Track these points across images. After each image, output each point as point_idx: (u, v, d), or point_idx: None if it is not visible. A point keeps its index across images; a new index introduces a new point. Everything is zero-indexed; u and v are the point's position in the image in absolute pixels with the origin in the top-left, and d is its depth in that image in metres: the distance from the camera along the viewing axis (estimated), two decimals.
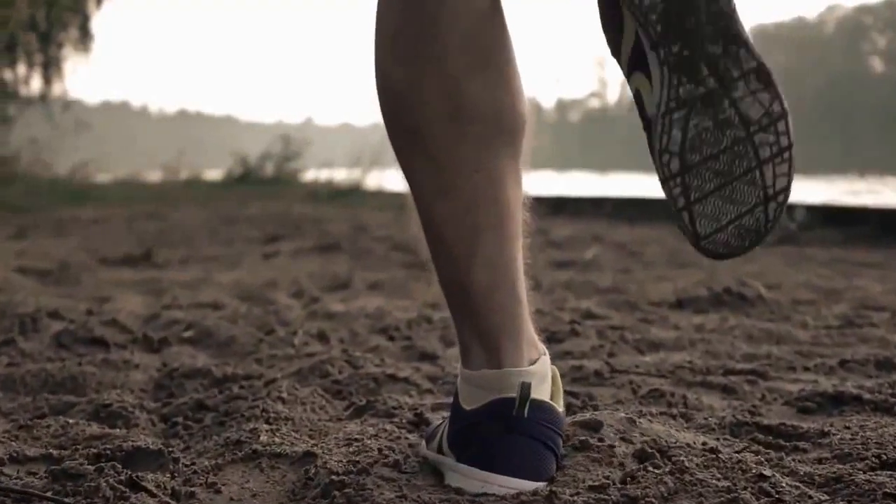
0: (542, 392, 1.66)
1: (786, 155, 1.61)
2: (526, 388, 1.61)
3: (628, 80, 1.68)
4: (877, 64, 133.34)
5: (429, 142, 1.65)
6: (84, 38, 26.43)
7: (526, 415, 1.61)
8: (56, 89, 27.13)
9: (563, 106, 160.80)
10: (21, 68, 25.87)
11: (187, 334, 2.91)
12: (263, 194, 15.54)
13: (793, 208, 8.54)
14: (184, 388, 2.27)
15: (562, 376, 1.77)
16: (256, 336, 2.79)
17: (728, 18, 1.60)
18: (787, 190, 1.62)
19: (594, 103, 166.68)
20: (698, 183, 1.61)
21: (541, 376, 1.67)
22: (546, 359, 1.71)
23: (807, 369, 2.50)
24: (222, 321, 3.02)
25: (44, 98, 25.53)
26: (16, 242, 7.44)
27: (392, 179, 16.68)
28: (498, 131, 1.67)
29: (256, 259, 6.20)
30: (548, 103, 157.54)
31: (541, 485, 1.59)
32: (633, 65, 1.66)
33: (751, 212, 1.61)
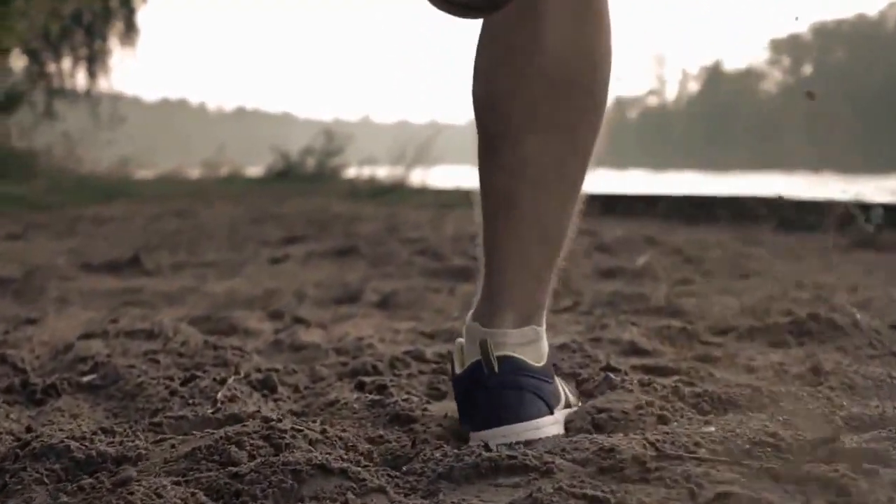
0: (524, 353, 1.76)
1: None
2: (484, 345, 1.74)
3: None
4: None
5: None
6: (129, 31, 25.95)
7: (496, 370, 1.73)
8: (102, 84, 26.75)
9: (621, 104, 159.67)
10: (66, 63, 25.49)
11: (87, 379, 2.16)
12: (303, 191, 14.86)
13: (868, 207, 7.77)
14: (21, 479, 1.52)
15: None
16: (173, 385, 2.03)
17: None
18: None
19: (652, 101, 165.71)
20: None
21: (523, 341, 1.76)
22: (540, 331, 1.81)
23: None
24: (140, 360, 2.27)
25: (88, 93, 25.11)
26: (10, 243, 6.76)
27: (436, 176, 15.96)
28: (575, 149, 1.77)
29: (262, 264, 5.47)
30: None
31: (534, 423, 1.71)
32: None
33: None
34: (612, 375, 2.02)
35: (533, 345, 1.78)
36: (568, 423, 1.78)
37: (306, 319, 3.23)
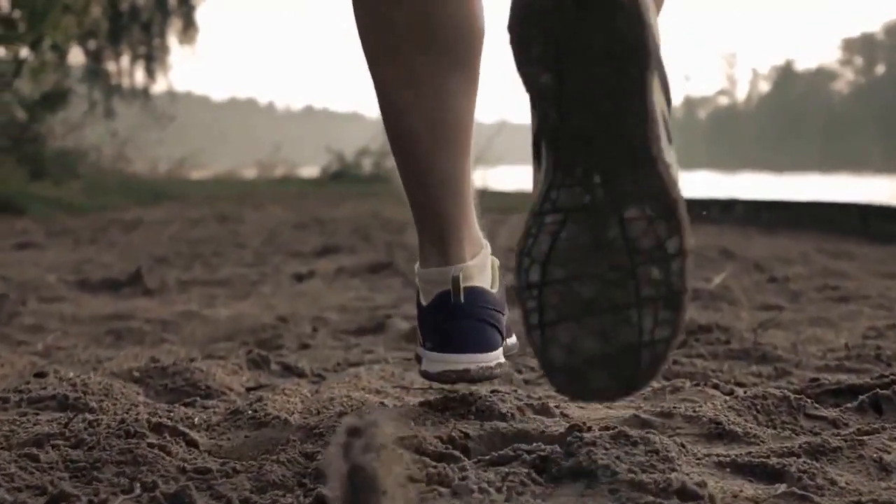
0: (482, 280, 1.91)
1: (675, 301, 1.37)
2: (455, 280, 1.86)
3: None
4: None
5: (399, 61, 1.79)
6: (188, 29, 25.57)
7: (462, 300, 1.86)
8: (161, 82, 26.41)
9: (690, 103, 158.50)
10: (125, 60, 25.16)
11: None
12: (358, 193, 14.25)
13: None
14: None
15: None
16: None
17: (644, 138, 1.37)
18: (669, 341, 1.38)
19: (722, 101, 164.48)
20: (557, 302, 1.41)
21: (480, 267, 1.91)
22: (486, 251, 1.95)
23: None
24: (17, 454, 1.60)
25: (146, 91, 24.77)
26: (13, 254, 6.17)
27: (497, 177, 15.27)
28: (463, 52, 1.81)
29: (284, 282, 4.82)
30: (676, 100, 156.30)
31: (492, 355, 1.87)
32: (535, 149, 1.48)
33: (618, 356, 1.39)
34: None
35: (486, 270, 1.94)
36: None
37: (297, 368, 2.56)
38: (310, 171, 20.88)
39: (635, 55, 1.35)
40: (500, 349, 1.90)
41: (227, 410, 1.98)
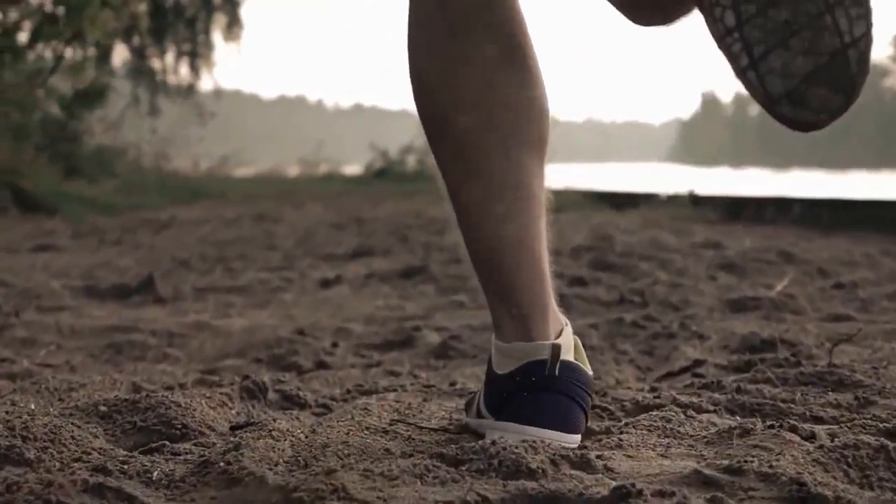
0: (568, 357, 1.74)
1: None
2: (556, 348, 1.71)
3: None
4: None
5: (459, 133, 1.72)
6: (232, 26, 25.31)
7: (557, 373, 1.70)
8: (206, 79, 26.18)
9: (741, 100, 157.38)
10: (169, 57, 24.93)
11: None
12: (401, 192, 13.92)
13: None
14: None
15: None
16: None
17: None
18: (867, 36, 1.49)
19: None
20: (760, 35, 1.51)
21: (566, 346, 1.74)
22: (569, 329, 1.78)
23: None
24: None
25: (190, 88, 24.55)
26: (27, 257, 5.86)
27: (553, 176, 14.87)
28: (525, 122, 1.73)
29: (309, 288, 4.47)
30: (726, 97, 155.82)
31: (575, 437, 1.71)
32: None
33: (830, 63, 1.49)
34: None
35: (571, 349, 1.77)
36: None
37: (299, 398, 2.19)
38: (354, 168, 20.60)
39: None
40: (581, 434, 1.73)
41: (198, 459, 1.62)
